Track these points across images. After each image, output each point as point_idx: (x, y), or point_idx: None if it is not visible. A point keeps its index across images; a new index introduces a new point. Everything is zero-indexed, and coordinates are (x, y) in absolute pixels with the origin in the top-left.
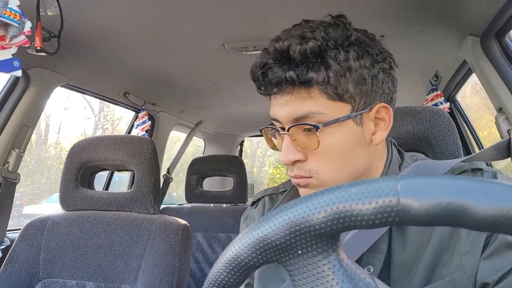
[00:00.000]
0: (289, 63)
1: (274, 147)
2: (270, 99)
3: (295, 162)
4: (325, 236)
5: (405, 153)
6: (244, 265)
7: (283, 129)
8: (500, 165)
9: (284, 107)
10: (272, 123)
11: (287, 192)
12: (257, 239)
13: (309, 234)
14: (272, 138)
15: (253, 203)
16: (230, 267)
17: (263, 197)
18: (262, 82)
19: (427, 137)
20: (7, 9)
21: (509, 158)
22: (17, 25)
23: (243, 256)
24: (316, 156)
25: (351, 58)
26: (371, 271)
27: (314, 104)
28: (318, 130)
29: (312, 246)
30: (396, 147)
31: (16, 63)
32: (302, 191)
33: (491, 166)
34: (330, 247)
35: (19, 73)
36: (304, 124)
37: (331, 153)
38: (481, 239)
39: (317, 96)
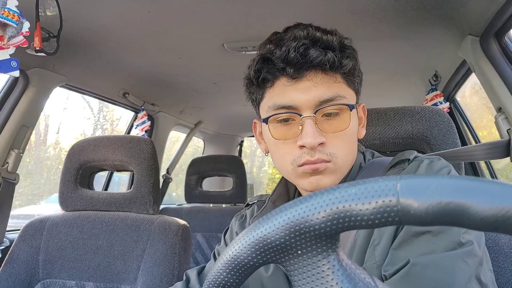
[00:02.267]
0: (327, 48)
1: (283, 137)
2: (267, 88)
3: (318, 145)
4: (324, 236)
5: (365, 150)
6: (243, 265)
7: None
8: (499, 164)
9: (309, 91)
10: (276, 113)
11: (263, 208)
12: (257, 239)
13: (309, 234)
14: (278, 127)
15: (247, 205)
16: (230, 267)
17: (256, 202)
18: (295, 63)
19: (426, 137)
20: (5, 10)
21: (509, 158)
22: (15, 25)
23: (242, 256)
24: (333, 139)
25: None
26: None
27: (339, 88)
28: (352, 110)
29: (312, 246)
30: (361, 152)
31: (14, 64)
32: (314, 180)
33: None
34: (330, 247)
35: (16, 73)
36: (337, 104)
37: (347, 136)
38: (391, 229)
39: (341, 81)
